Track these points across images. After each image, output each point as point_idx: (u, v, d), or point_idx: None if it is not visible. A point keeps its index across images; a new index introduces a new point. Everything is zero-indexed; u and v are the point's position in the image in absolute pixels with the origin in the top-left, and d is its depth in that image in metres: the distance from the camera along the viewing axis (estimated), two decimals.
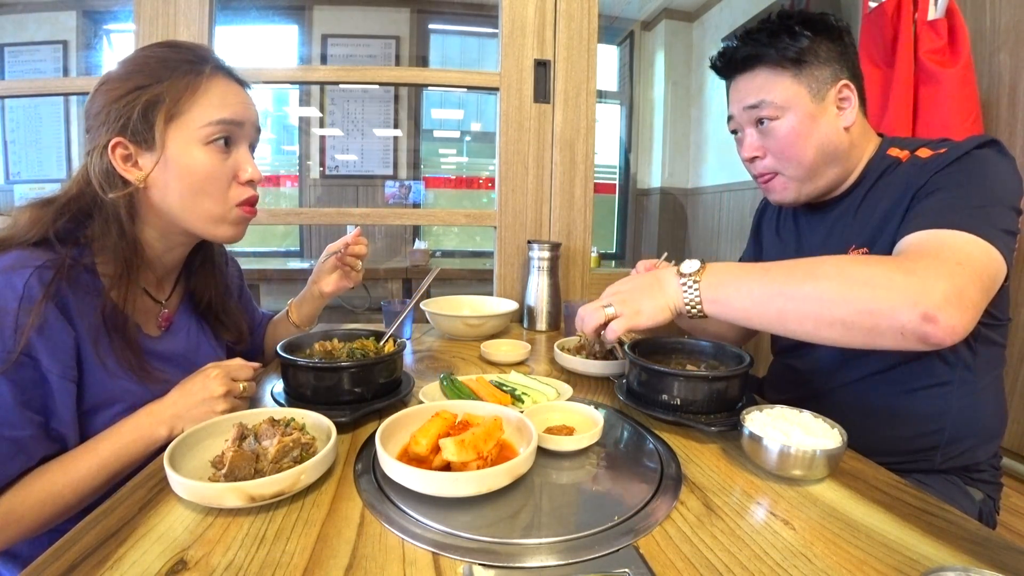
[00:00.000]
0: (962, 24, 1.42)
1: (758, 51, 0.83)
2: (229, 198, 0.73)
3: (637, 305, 0.73)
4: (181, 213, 0.71)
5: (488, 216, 1.52)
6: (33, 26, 3.21)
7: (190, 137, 0.69)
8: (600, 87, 2.14)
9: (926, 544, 0.49)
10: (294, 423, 0.63)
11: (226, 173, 0.72)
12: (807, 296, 0.62)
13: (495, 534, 0.49)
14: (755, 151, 0.88)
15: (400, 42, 3.58)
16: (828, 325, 0.62)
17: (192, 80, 0.69)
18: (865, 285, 0.60)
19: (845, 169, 0.87)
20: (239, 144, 0.74)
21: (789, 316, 0.64)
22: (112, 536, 0.47)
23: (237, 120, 0.72)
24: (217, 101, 0.71)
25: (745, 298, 0.67)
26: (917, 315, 0.57)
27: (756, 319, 0.67)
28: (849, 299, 0.60)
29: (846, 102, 0.83)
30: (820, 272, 0.63)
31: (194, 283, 0.86)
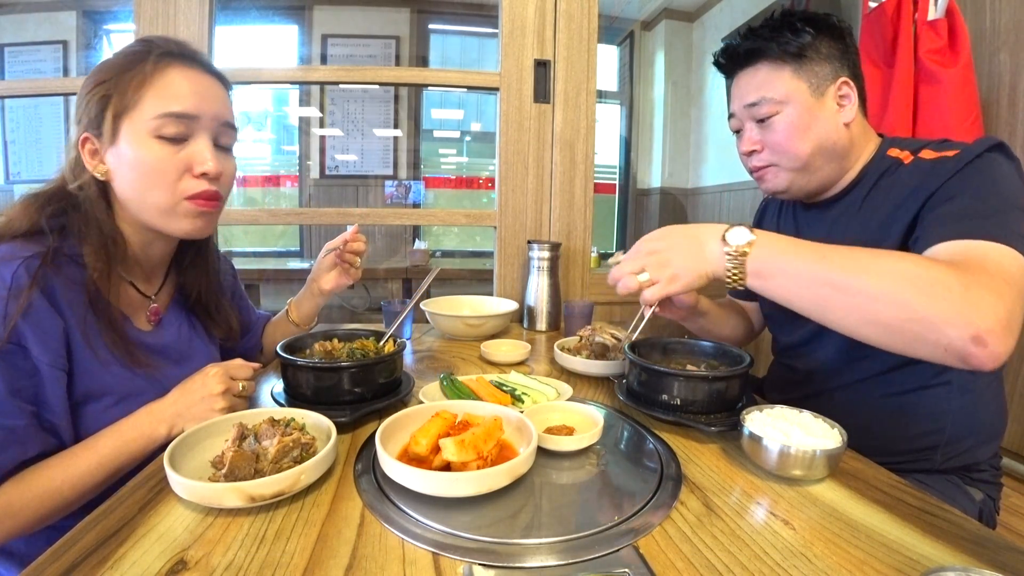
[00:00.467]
0: (962, 24, 1.42)
1: (760, 45, 0.84)
2: (178, 191, 0.71)
3: (673, 269, 0.69)
4: (136, 206, 0.72)
5: (488, 216, 1.52)
6: (33, 26, 3.20)
7: (140, 130, 0.68)
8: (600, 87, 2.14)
9: (926, 544, 0.49)
10: (294, 423, 0.63)
11: (176, 166, 0.70)
12: (859, 290, 0.59)
13: (495, 534, 0.49)
14: (753, 145, 0.88)
15: (400, 42, 3.58)
16: (871, 324, 0.60)
17: (138, 72, 0.68)
18: (921, 291, 0.56)
19: (842, 166, 0.87)
20: (197, 137, 0.72)
21: (834, 307, 0.61)
22: (112, 536, 0.47)
23: (189, 113, 0.70)
24: (169, 93, 0.69)
25: (792, 279, 0.63)
26: (968, 335, 0.54)
27: (797, 301, 0.64)
28: (901, 302, 0.57)
29: (846, 99, 0.84)
30: (877, 267, 0.59)
31: (183, 279, 0.86)
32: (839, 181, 0.89)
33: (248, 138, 3.66)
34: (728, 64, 0.91)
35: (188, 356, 0.82)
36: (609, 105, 3.82)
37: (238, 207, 1.43)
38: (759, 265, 0.65)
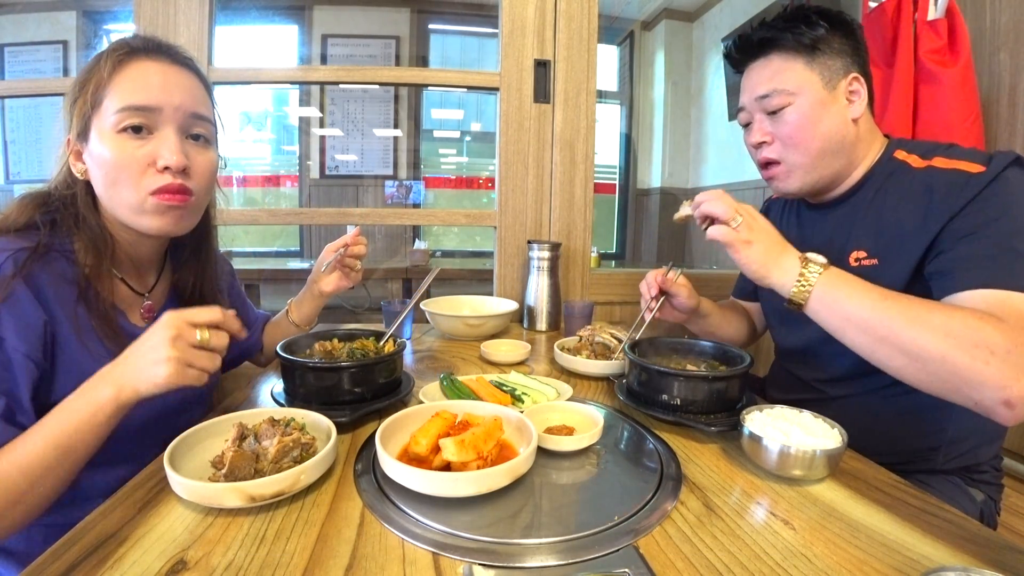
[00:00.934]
0: (962, 24, 1.42)
1: (774, 35, 0.84)
2: (142, 186, 0.69)
3: (754, 243, 0.73)
4: (108, 204, 0.71)
5: (488, 216, 1.52)
6: (33, 26, 3.20)
7: (104, 127, 0.68)
8: (600, 87, 2.14)
9: (926, 544, 0.49)
10: (294, 423, 0.63)
11: (138, 161, 0.68)
12: (906, 342, 0.62)
13: (495, 534, 0.49)
14: (763, 136, 0.87)
15: (400, 42, 3.58)
16: (913, 371, 0.63)
17: (99, 71, 0.68)
18: (966, 351, 0.59)
19: (850, 163, 0.86)
20: (161, 129, 0.69)
21: (881, 353, 0.65)
22: (112, 536, 0.47)
23: (149, 105, 0.68)
24: (130, 86, 0.68)
25: (847, 319, 0.67)
26: (999, 399, 0.58)
27: (849, 336, 0.68)
28: (945, 360, 0.60)
29: (855, 95, 0.83)
30: (929, 322, 0.62)
31: (178, 276, 0.86)
32: (845, 180, 0.88)
33: (248, 138, 3.66)
34: (740, 56, 0.90)
35: None
36: (609, 105, 3.82)
37: (238, 207, 1.43)
38: (825, 291, 0.68)
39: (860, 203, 0.86)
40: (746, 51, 0.89)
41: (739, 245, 0.73)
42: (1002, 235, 0.68)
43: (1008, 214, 0.69)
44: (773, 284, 0.72)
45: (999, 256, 0.67)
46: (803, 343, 0.94)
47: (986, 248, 0.68)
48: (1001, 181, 0.71)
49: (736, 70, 0.93)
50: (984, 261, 0.67)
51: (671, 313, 1.00)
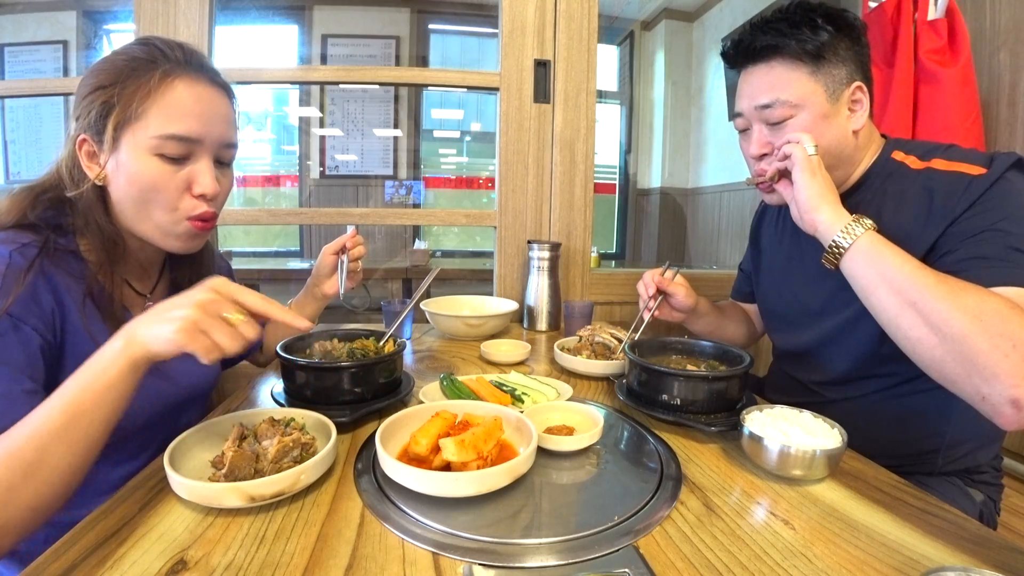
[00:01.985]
0: (962, 24, 1.42)
1: (777, 41, 0.79)
2: (180, 210, 0.70)
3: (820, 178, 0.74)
4: (131, 217, 0.70)
5: (488, 216, 1.52)
6: (33, 26, 3.20)
7: (141, 145, 0.66)
8: (600, 87, 2.14)
9: (926, 544, 0.49)
10: (294, 423, 0.63)
11: (176, 184, 0.69)
12: (938, 312, 0.61)
13: (495, 534, 0.49)
14: (763, 148, 0.84)
15: (400, 42, 3.58)
16: (930, 346, 0.62)
17: (144, 83, 0.66)
18: (989, 337, 0.57)
19: (847, 172, 0.85)
20: (199, 157, 0.70)
21: (908, 316, 0.64)
22: (112, 536, 0.47)
23: (192, 137, 0.68)
24: (174, 111, 0.67)
25: (887, 272, 0.66)
26: (1008, 397, 0.56)
27: (879, 295, 0.67)
28: (967, 340, 0.58)
29: (858, 105, 0.81)
30: (963, 300, 0.60)
31: (176, 276, 0.85)
32: (842, 185, 0.86)
33: (248, 138, 3.66)
34: (740, 57, 0.86)
35: None
36: (609, 105, 3.82)
37: (238, 207, 1.43)
38: (868, 245, 0.68)
39: (858, 204, 0.85)
40: (747, 54, 0.84)
41: (810, 169, 0.74)
42: (1008, 237, 0.67)
43: (1011, 217, 0.68)
44: (821, 221, 0.72)
45: (1009, 256, 0.66)
46: (802, 345, 0.94)
47: (994, 249, 0.67)
48: (1003, 183, 0.70)
49: (731, 67, 0.89)
50: (995, 261, 0.66)
51: (669, 313, 1.00)
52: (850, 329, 0.84)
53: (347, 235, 0.98)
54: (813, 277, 0.90)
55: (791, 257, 0.98)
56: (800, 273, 0.94)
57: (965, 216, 0.71)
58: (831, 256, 0.71)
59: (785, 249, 1.00)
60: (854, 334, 0.83)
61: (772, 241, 1.06)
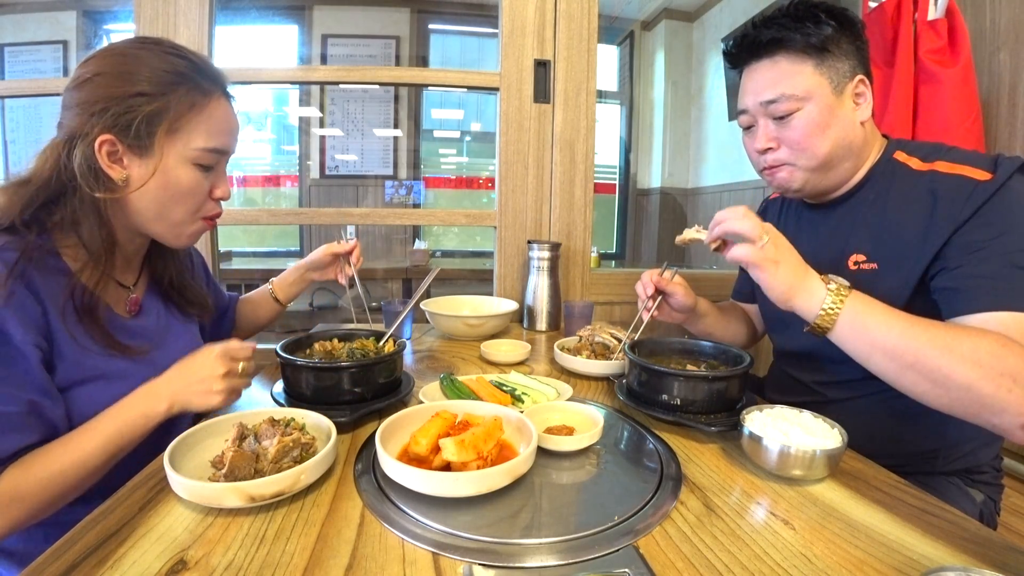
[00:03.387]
0: (962, 24, 1.42)
1: (782, 35, 0.80)
2: (199, 211, 0.78)
3: (782, 265, 0.69)
4: (149, 216, 0.74)
5: (488, 216, 1.52)
6: (33, 26, 3.20)
7: (183, 154, 0.72)
8: (600, 87, 2.14)
9: (926, 544, 0.49)
10: (294, 423, 0.63)
11: (204, 190, 0.77)
12: (937, 369, 0.62)
13: (495, 534, 0.49)
14: (769, 142, 0.84)
15: (400, 42, 3.58)
16: (936, 396, 0.64)
17: (198, 101, 0.72)
18: (991, 380, 0.60)
19: (855, 165, 0.85)
20: (220, 165, 0.79)
21: (909, 377, 0.65)
22: (112, 536, 0.47)
23: (225, 150, 0.77)
24: (214, 127, 0.74)
25: (877, 341, 0.66)
26: (1018, 424, 0.60)
27: (875, 361, 0.67)
28: (971, 388, 0.60)
29: (861, 98, 0.82)
30: (957, 349, 0.61)
31: (155, 267, 0.88)
32: (849, 180, 0.87)
33: (248, 138, 3.66)
34: (744, 54, 0.86)
35: (168, 337, 0.84)
36: (609, 105, 3.82)
37: (238, 207, 1.43)
38: (853, 316, 0.66)
39: (860, 205, 0.85)
40: (751, 50, 0.84)
41: (767, 265, 0.68)
42: (1010, 251, 0.67)
43: (1015, 228, 0.68)
44: (797, 308, 0.69)
45: (1009, 275, 0.66)
46: (803, 346, 0.93)
47: (995, 267, 0.67)
48: (1007, 191, 0.70)
49: (733, 67, 0.89)
50: (994, 281, 0.67)
51: (669, 314, 0.99)
52: None
53: (350, 245, 1.05)
54: None
55: None
56: None
57: (968, 225, 0.71)
58: (818, 332, 0.69)
59: None
60: None
61: None
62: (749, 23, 0.85)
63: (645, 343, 0.87)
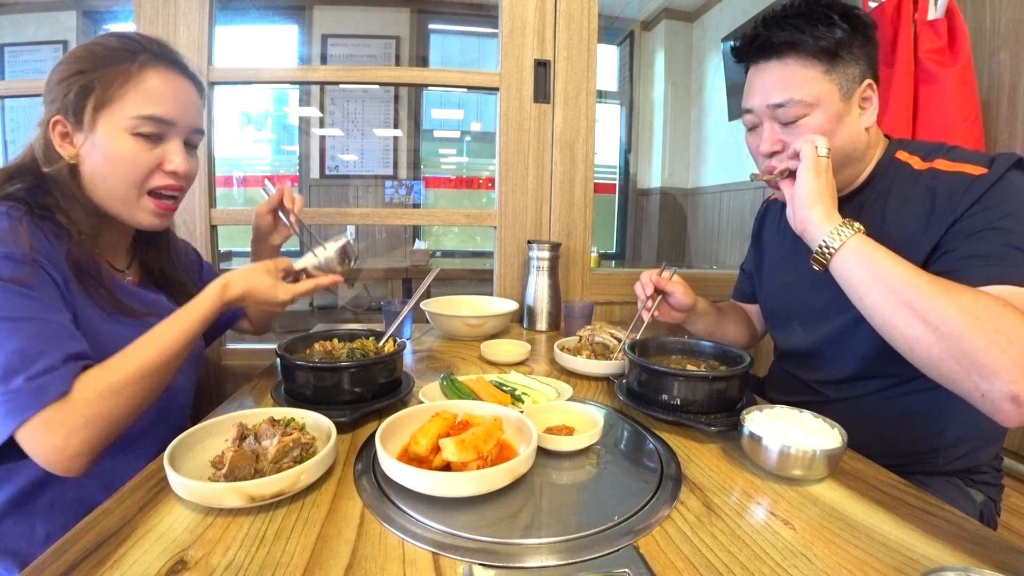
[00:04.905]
0: (962, 24, 1.42)
1: (795, 38, 0.77)
2: (144, 185, 0.76)
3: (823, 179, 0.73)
4: (100, 192, 0.75)
5: (488, 216, 1.52)
6: (33, 26, 3.20)
7: (117, 125, 0.72)
8: (600, 87, 2.14)
9: (926, 544, 0.49)
10: (294, 423, 0.63)
11: (149, 162, 0.75)
12: (933, 310, 0.61)
13: (495, 534, 0.49)
14: (775, 145, 0.82)
15: (400, 42, 3.58)
16: (927, 344, 0.62)
17: (125, 69, 0.72)
18: (986, 334, 0.57)
19: (857, 170, 0.85)
20: (171, 139, 0.77)
21: (903, 315, 0.63)
22: (112, 536, 0.47)
23: (167, 119, 0.75)
24: (150, 96, 0.74)
25: (880, 271, 0.66)
26: (1007, 393, 0.56)
27: (873, 294, 0.66)
28: (964, 337, 0.58)
29: (868, 102, 0.81)
30: (957, 298, 0.60)
31: (143, 257, 0.89)
32: (850, 185, 0.87)
33: (248, 138, 3.66)
34: (751, 52, 0.84)
35: None
36: (609, 105, 3.82)
37: (238, 207, 1.43)
38: (860, 247, 0.68)
39: (860, 205, 0.85)
40: (761, 50, 0.82)
41: (816, 167, 0.73)
42: (1007, 235, 0.67)
43: (1012, 216, 0.68)
44: (812, 219, 0.71)
45: (1006, 254, 0.66)
46: (804, 345, 0.94)
47: (992, 247, 0.67)
48: (1004, 183, 0.70)
49: (741, 62, 0.87)
50: (992, 259, 0.67)
51: (669, 313, 0.99)
52: (853, 329, 0.83)
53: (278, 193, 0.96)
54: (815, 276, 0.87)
55: (793, 256, 0.97)
56: (802, 272, 0.93)
57: (966, 215, 0.71)
58: (820, 257, 0.71)
59: (787, 248, 1.00)
60: (857, 334, 0.83)
61: (774, 240, 1.05)
62: (760, 19, 0.82)
63: (645, 343, 0.87)
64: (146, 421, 0.77)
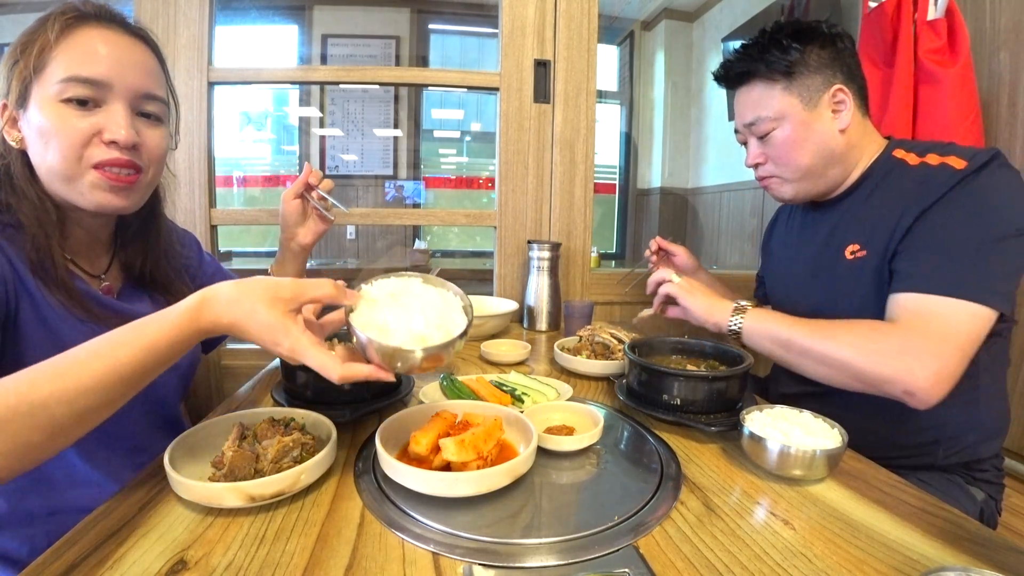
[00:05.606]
0: (962, 24, 1.42)
1: (750, 67, 0.89)
2: (83, 158, 0.65)
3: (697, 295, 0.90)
4: (44, 174, 0.67)
5: (488, 216, 1.52)
6: None
7: (46, 94, 0.64)
8: (600, 87, 2.14)
9: (926, 544, 0.49)
10: (294, 423, 0.63)
11: (81, 132, 0.64)
12: (821, 351, 0.76)
13: (495, 534, 0.49)
14: (756, 158, 0.94)
15: (400, 42, 3.58)
16: (831, 378, 0.77)
17: (47, 32, 0.64)
18: (865, 358, 0.72)
19: (844, 169, 0.90)
20: (109, 104, 0.66)
21: (804, 362, 0.79)
22: (112, 536, 0.47)
23: (98, 79, 0.64)
24: (78, 55, 0.64)
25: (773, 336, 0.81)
26: (900, 390, 0.70)
27: (777, 354, 0.82)
28: (848, 366, 0.73)
29: (841, 105, 0.86)
30: (833, 337, 0.75)
31: (124, 256, 0.80)
32: (844, 181, 0.91)
33: (248, 138, 3.65)
34: (726, 82, 0.96)
35: None
36: (609, 105, 3.81)
37: (238, 207, 1.43)
38: (751, 323, 0.84)
39: (858, 200, 0.89)
40: (729, 80, 0.95)
41: (685, 295, 0.90)
42: (951, 239, 0.75)
43: (967, 219, 0.74)
44: (716, 324, 0.86)
45: (933, 261, 0.75)
46: None
47: (929, 253, 0.76)
48: (974, 178, 0.75)
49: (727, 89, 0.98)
50: (919, 267, 0.76)
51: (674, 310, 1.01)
52: None
53: (304, 173, 0.90)
54: (809, 275, 0.96)
55: (793, 258, 1.02)
56: (798, 272, 1.00)
57: (934, 207, 0.77)
58: (734, 340, 0.85)
59: (790, 250, 1.05)
60: None
61: (780, 244, 1.12)
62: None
63: (645, 343, 0.87)
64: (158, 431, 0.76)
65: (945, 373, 0.69)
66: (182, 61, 1.33)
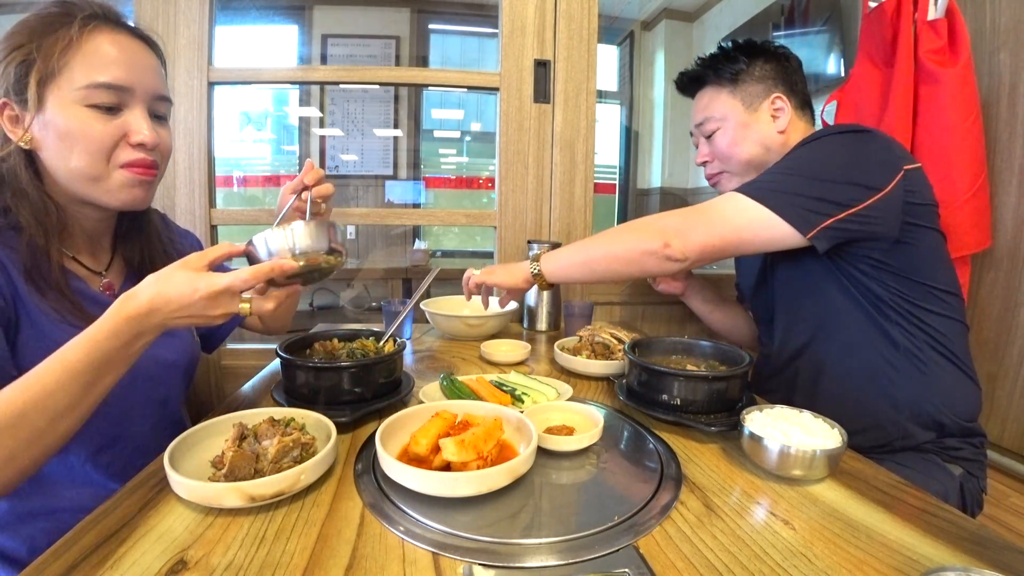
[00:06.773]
0: (962, 24, 1.42)
1: (701, 73, 1.05)
2: (113, 159, 0.68)
3: (496, 271, 1.07)
4: (64, 175, 0.68)
5: (488, 216, 1.52)
6: None
7: (67, 98, 0.65)
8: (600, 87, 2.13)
9: (926, 544, 0.49)
10: (294, 423, 0.63)
11: (109, 134, 0.67)
12: (600, 253, 0.93)
13: (495, 534, 0.49)
14: (704, 156, 1.09)
15: (400, 42, 3.58)
16: (617, 270, 0.92)
17: (63, 35, 0.65)
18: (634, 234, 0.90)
19: None
20: (132, 107, 0.69)
21: (594, 267, 0.94)
22: (112, 536, 0.47)
23: (122, 85, 0.67)
24: (98, 62, 0.66)
25: (566, 263, 0.98)
26: (658, 244, 0.86)
27: (576, 274, 0.99)
28: (625, 246, 0.89)
29: (780, 112, 1.00)
30: (604, 237, 0.95)
31: (123, 250, 0.82)
32: None
33: (248, 138, 3.65)
34: (684, 90, 1.12)
35: None
36: (609, 105, 3.81)
37: (238, 207, 1.43)
38: (547, 265, 0.99)
39: None
40: (685, 87, 1.11)
41: (487, 276, 1.06)
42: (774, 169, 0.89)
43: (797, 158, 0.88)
44: (523, 279, 1.01)
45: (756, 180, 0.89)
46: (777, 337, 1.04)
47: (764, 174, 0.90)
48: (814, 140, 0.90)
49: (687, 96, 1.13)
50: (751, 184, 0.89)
51: (669, 282, 1.22)
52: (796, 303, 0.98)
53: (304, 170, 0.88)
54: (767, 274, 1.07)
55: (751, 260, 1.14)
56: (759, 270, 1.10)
57: None
58: (541, 283, 1.00)
59: None
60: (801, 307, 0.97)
61: None
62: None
63: (645, 343, 0.87)
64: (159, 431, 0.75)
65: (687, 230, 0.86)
66: (182, 61, 1.32)
